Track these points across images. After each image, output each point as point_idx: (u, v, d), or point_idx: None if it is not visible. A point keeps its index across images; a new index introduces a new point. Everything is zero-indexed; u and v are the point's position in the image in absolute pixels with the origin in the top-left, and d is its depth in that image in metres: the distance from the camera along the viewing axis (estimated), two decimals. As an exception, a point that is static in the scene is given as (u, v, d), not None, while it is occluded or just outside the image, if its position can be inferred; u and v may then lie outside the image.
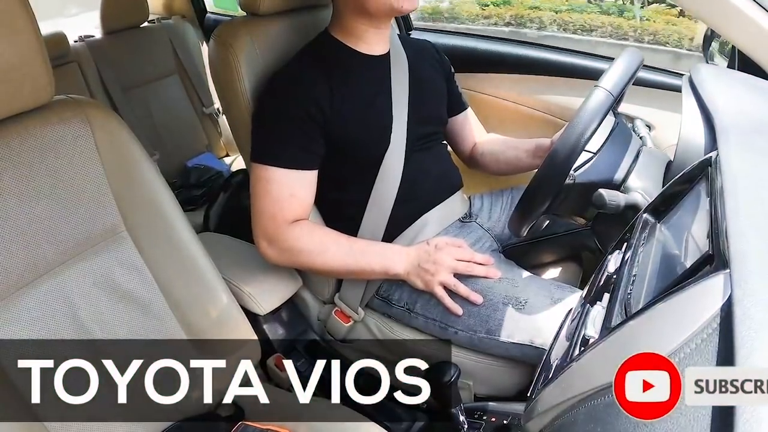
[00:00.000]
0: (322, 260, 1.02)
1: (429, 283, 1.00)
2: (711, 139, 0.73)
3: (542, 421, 0.52)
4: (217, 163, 2.27)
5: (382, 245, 1.06)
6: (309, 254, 1.02)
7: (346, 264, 1.02)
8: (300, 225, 1.02)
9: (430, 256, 0.99)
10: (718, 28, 0.89)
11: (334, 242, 1.03)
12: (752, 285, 0.33)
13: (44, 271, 0.79)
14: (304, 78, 1.01)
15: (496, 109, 1.60)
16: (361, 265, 1.02)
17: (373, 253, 1.03)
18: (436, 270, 0.98)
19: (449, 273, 0.99)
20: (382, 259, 1.02)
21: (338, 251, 1.02)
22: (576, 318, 0.64)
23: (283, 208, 1.01)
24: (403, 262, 1.01)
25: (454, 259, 0.99)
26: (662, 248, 0.57)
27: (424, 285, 1.00)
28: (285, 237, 1.01)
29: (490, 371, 1.05)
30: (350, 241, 1.04)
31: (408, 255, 1.02)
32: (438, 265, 0.98)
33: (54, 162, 0.80)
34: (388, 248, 1.04)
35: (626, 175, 0.94)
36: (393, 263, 1.01)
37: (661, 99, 1.35)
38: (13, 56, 0.71)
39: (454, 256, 1.00)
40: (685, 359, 0.34)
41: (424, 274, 1.00)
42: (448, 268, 0.99)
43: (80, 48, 2.03)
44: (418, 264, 1.00)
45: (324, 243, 1.02)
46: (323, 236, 1.03)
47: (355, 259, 1.02)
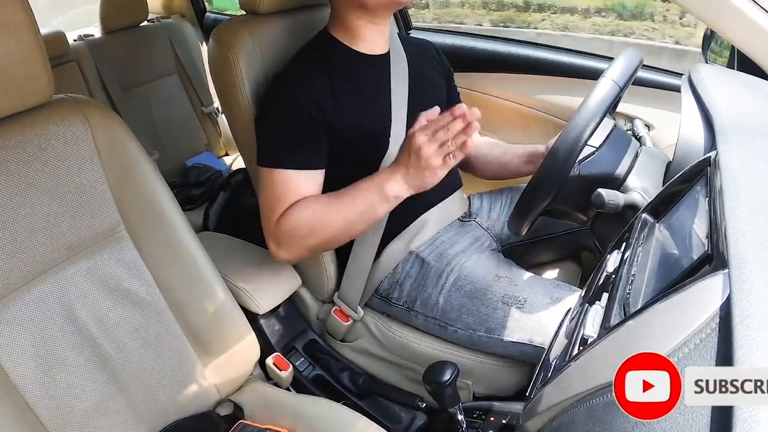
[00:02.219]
0: (323, 230, 0.98)
1: (433, 174, 0.89)
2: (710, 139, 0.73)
3: (541, 421, 0.53)
4: (217, 162, 2.27)
5: (367, 179, 0.96)
6: (309, 233, 0.98)
7: (347, 218, 0.96)
8: (289, 210, 0.98)
9: (411, 153, 0.89)
10: (718, 28, 0.89)
11: (322, 207, 0.97)
12: (751, 285, 0.33)
13: (43, 270, 0.79)
14: (306, 78, 1.01)
15: (496, 109, 1.60)
16: (360, 208, 0.96)
17: (362, 192, 0.95)
18: (428, 162, 0.87)
19: (441, 156, 0.87)
20: (375, 188, 0.94)
21: (332, 212, 0.97)
22: (575, 317, 0.64)
23: (282, 206, 0.99)
24: (394, 178, 0.92)
25: (433, 141, 0.87)
26: (661, 248, 0.57)
27: (431, 180, 0.90)
28: (280, 227, 0.99)
29: (489, 370, 1.05)
30: (338, 196, 0.97)
31: (393, 170, 0.93)
32: (421, 151, 0.87)
33: (53, 161, 0.80)
34: (374, 177, 0.95)
35: (625, 174, 0.94)
36: (387, 186, 0.93)
37: (660, 99, 1.35)
38: (12, 55, 0.71)
39: (426, 134, 0.87)
40: (684, 359, 0.34)
41: (424, 173, 0.89)
42: (435, 153, 0.87)
43: (79, 47, 2.03)
44: (408, 170, 0.91)
45: (316, 213, 0.97)
46: (311, 208, 0.98)
47: (354, 209, 0.96)
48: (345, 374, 1.17)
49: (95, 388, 0.81)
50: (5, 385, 0.73)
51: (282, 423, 0.89)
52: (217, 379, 0.96)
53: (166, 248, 0.90)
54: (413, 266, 1.10)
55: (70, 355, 0.80)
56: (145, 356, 0.87)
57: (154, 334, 0.89)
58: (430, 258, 1.09)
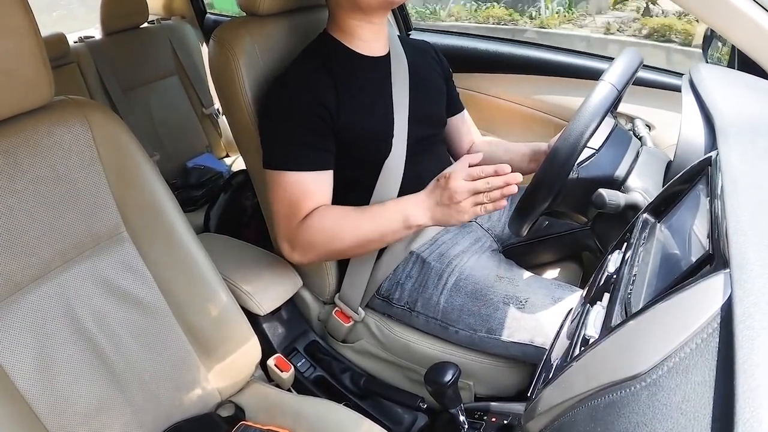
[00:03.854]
0: (341, 242, 0.98)
1: (460, 217, 0.91)
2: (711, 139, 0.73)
3: (542, 421, 0.52)
4: (217, 163, 2.27)
5: (394, 202, 0.99)
6: (326, 239, 0.98)
7: (366, 236, 0.97)
8: (312, 216, 0.99)
9: (445, 191, 0.91)
10: (718, 28, 0.89)
11: (345, 220, 0.98)
12: (752, 284, 0.33)
13: (44, 272, 0.79)
14: (311, 79, 1.00)
15: (496, 109, 1.60)
16: (382, 230, 0.97)
17: (388, 213, 0.97)
18: (458, 201, 0.90)
19: (472, 204, 0.90)
20: (400, 215, 0.96)
21: (353, 227, 0.97)
22: (576, 318, 0.64)
23: (300, 207, 0.99)
24: (421, 209, 0.94)
25: (467, 181, 0.90)
26: (662, 248, 0.57)
27: (456, 221, 0.93)
28: (300, 232, 0.99)
29: (490, 371, 1.05)
30: (361, 212, 0.99)
31: (423, 201, 0.95)
32: (456, 194, 0.89)
33: (54, 163, 0.80)
34: (403, 206, 0.97)
35: (626, 174, 0.94)
36: (414, 217, 0.95)
37: (660, 99, 1.35)
38: (12, 57, 0.71)
39: (466, 178, 0.90)
40: (686, 359, 0.34)
41: (449, 211, 0.91)
42: (467, 192, 0.89)
43: (80, 49, 2.03)
44: (436, 205, 0.93)
45: (337, 225, 0.98)
46: (334, 219, 0.99)
47: (374, 229, 0.97)
48: (346, 375, 1.17)
49: (96, 390, 0.81)
50: (6, 385, 0.73)
51: (283, 424, 0.89)
52: (218, 381, 0.96)
53: (167, 249, 0.90)
54: (414, 267, 1.10)
55: (71, 357, 0.80)
56: (146, 358, 0.88)
57: (155, 336, 0.89)
58: (430, 259, 1.09)
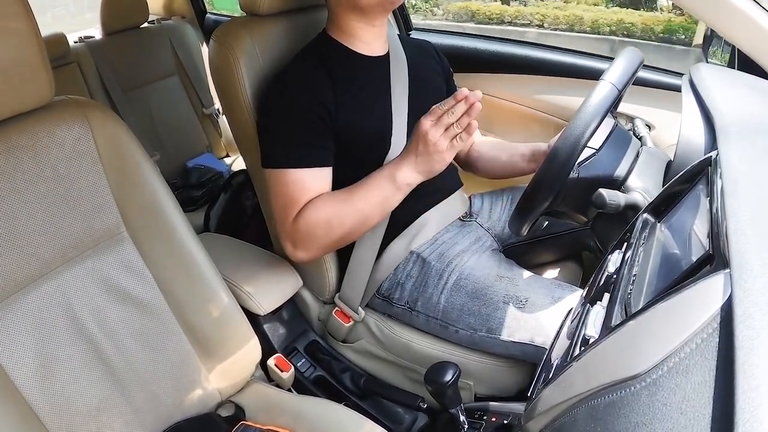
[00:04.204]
0: (342, 226, 0.98)
1: (442, 158, 0.91)
2: (711, 139, 0.73)
3: (543, 421, 0.52)
4: (217, 163, 2.27)
5: (378, 171, 0.98)
6: (329, 230, 0.98)
7: (363, 211, 0.98)
8: (304, 210, 0.99)
9: (419, 140, 0.91)
10: (718, 28, 0.89)
11: (339, 203, 0.98)
12: (752, 284, 0.33)
13: (44, 271, 0.79)
14: (310, 79, 1.00)
15: (496, 109, 1.60)
16: (376, 199, 0.97)
17: (376, 182, 0.97)
18: (433, 142, 0.89)
19: (447, 138, 0.89)
20: (388, 180, 0.96)
21: (348, 208, 0.97)
22: (576, 317, 0.64)
23: (297, 205, 0.99)
24: (405, 166, 0.94)
25: (439, 125, 0.89)
26: (662, 248, 0.57)
27: (440, 165, 0.92)
28: (296, 226, 0.99)
29: (490, 371, 1.05)
30: (350, 192, 0.98)
31: (404, 158, 0.95)
32: (428, 136, 0.89)
33: (54, 163, 0.80)
34: (385, 168, 0.97)
35: (626, 174, 0.94)
36: (399, 175, 0.95)
37: (661, 99, 1.35)
38: (12, 57, 0.71)
39: (432, 119, 0.89)
40: (685, 359, 0.34)
41: (429, 158, 0.91)
42: (442, 136, 0.89)
43: (80, 49, 2.03)
44: (417, 158, 0.93)
45: (333, 210, 0.98)
46: (328, 205, 0.98)
47: (368, 202, 0.97)
48: (346, 375, 1.17)
49: (96, 390, 0.81)
50: (6, 385, 0.73)
51: (283, 424, 0.89)
52: (218, 381, 0.96)
53: (167, 249, 0.90)
54: (414, 266, 1.10)
55: (71, 356, 0.80)
56: (147, 357, 0.88)
57: (155, 336, 0.89)
58: (431, 258, 1.09)
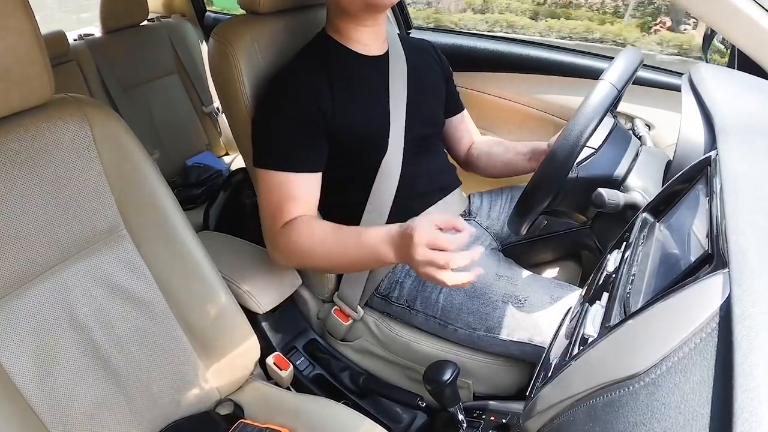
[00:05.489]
0: (313, 259, 0.98)
1: (417, 266, 0.84)
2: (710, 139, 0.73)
3: (541, 420, 0.53)
4: (217, 161, 2.27)
5: (372, 235, 0.92)
6: (302, 255, 0.98)
7: (338, 262, 0.97)
8: (291, 224, 0.98)
9: (407, 246, 0.85)
10: (718, 28, 0.89)
11: (323, 239, 0.96)
12: (751, 284, 0.33)
13: (43, 270, 0.79)
14: (305, 80, 1.00)
15: (496, 109, 1.60)
16: (354, 261, 0.95)
17: (363, 246, 0.92)
18: (417, 260, 0.83)
19: (428, 265, 0.83)
20: (373, 251, 0.91)
21: (329, 248, 0.95)
22: (575, 317, 0.64)
23: (283, 210, 0.99)
24: (392, 249, 0.89)
25: (428, 243, 0.83)
26: (661, 247, 0.57)
27: (417, 266, 0.85)
28: (280, 238, 0.99)
29: (489, 370, 1.05)
30: (338, 235, 0.95)
31: (392, 239, 0.89)
32: (414, 245, 0.83)
33: (53, 161, 0.80)
34: (377, 238, 0.91)
35: (626, 174, 0.94)
36: (384, 254, 0.90)
37: (660, 98, 1.35)
38: (12, 55, 0.71)
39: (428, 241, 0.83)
40: (684, 358, 0.34)
41: (410, 258, 0.85)
42: (423, 243, 0.83)
43: (80, 47, 2.03)
44: (401, 246, 0.87)
45: (315, 241, 0.96)
46: (313, 234, 0.96)
47: (347, 255, 0.95)
48: (345, 374, 1.17)
49: (95, 388, 0.81)
50: (5, 384, 0.73)
51: (282, 422, 0.89)
52: (217, 379, 0.96)
53: (167, 248, 0.90)
54: (413, 265, 1.10)
55: (71, 355, 0.80)
56: (146, 356, 0.88)
57: (155, 334, 0.89)
58: (430, 257, 1.09)
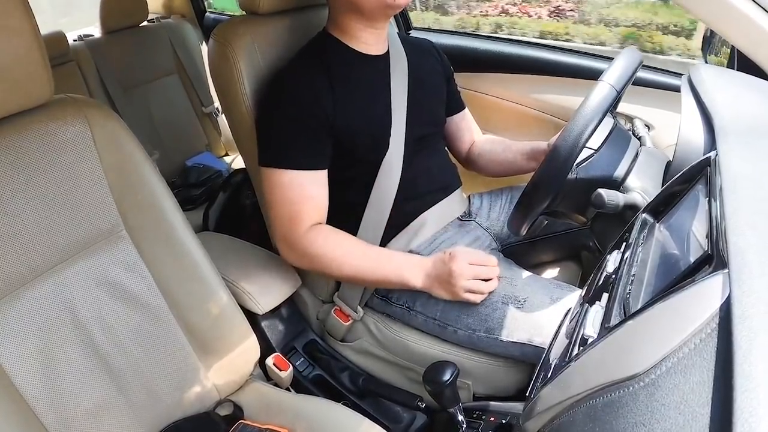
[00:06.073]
0: (339, 268, 1.02)
1: (454, 294, 0.99)
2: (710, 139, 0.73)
3: (541, 421, 0.53)
4: (217, 162, 2.28)
5: (401, 256, 1.04)
6: (327, 261, 1.01)
7: (362, 273, 1.02)
8: (317, 230, 1.02)
9: (446, 266, 0.98)
10: (718, 29, 0.89)
11: (350, 250, 1.02)
12: (751, 284, 0.33)
13: (43, 270, 0.79)
14: (307, 78, 1.00)
15: (496, 109, 1.60)
16: (377, 276, 1.02)
17: (390, 264, 1.02)
18: (456, 280, 0.97)
19: (469, 279, 0.98)
20: (399, 271, 1.01)
21: (355, 260, 1.01)
22: (575, 317, 0.64)
23: (301, 210, 1.00)
24: (420, 275, 1.00)
25: (469, 264, 0.98)
26: (661, 248, 0.57)
27: (450, 295, 0.99)
28: (304, 242, 1.01)
29: (489, 370, 1.05)
30: (368, 249, 1.03)
31: (424, 267, 1.01)
32: (456, 275, 0.97)
33: (53, 161, 0.80)
34: (406, 261, 1.03)
35: (625, 174, 0.94)
36: (410, 277, 1.00)
37: (660, 99, 1.35)
38: (12, 55, 0.71)
39: (469, 261, 0.98)
40: (684, 359, 0.34)
41: (447, 286, 0.99)
42: (467, 275, 0.97)
43: (79, 47, 2.03)
44: (436, 276, 0.99)
45: (341, 250, 1.01)
46: (341, 243, 1.02)
47: (371, 270, 1.01)
48: (345, 374, 1.17)
49: (95, 389, 0.81)
50: (5, 384, 0.73)
51: (282, 423, 0.89)
52: (217, 379, 0.96)
53: (166, 248, 0.90)
54: (413, 266, 1.10)
55: (71, 355, 0.80)
56: (146, 356, 0.87)
57: (155, 334, 0.89)
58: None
